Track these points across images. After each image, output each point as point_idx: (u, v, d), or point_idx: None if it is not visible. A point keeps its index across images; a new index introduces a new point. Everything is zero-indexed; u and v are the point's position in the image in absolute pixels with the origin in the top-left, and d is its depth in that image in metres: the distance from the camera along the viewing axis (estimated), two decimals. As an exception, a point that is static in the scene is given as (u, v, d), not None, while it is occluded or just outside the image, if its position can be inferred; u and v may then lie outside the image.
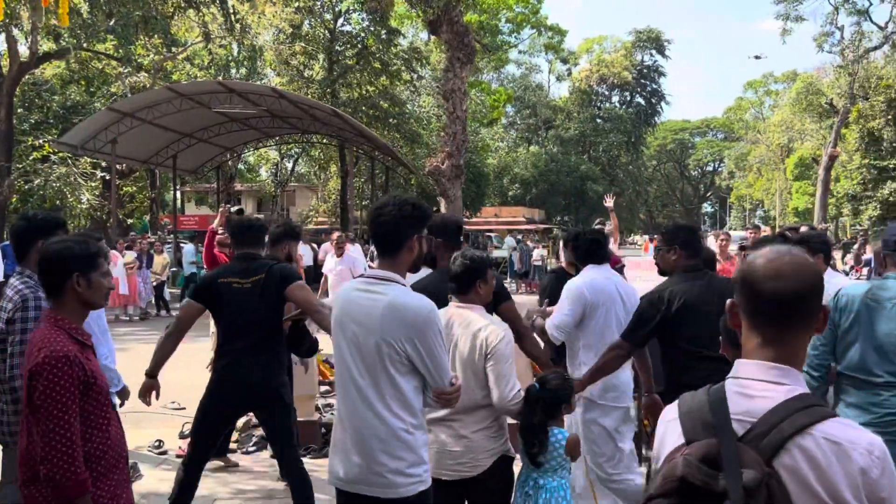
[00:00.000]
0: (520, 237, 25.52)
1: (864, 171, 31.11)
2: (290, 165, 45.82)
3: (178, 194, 31.73)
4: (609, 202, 10.80)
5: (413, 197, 3.01)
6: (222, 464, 6.16)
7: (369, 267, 15.73)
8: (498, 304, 3.87)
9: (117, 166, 22.69)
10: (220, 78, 25.81)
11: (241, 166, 38.89)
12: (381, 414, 2.79)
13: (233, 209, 10.49)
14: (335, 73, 30.04)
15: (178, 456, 6.32)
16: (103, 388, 2.67)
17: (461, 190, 25.96)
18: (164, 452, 6.54)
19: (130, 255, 16.64)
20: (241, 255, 4.65)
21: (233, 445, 6.55)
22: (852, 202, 31.72)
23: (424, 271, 3.93)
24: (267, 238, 5.26)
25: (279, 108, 22.70)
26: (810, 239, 4.43)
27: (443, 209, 25.87)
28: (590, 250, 4.79)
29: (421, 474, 2.82)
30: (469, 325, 3.36)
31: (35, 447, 2.53)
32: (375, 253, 3.06)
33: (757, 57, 35.94)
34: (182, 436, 6.76)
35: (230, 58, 27.38)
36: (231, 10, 22.83)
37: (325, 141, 31.21)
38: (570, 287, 4.62)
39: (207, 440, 4.50)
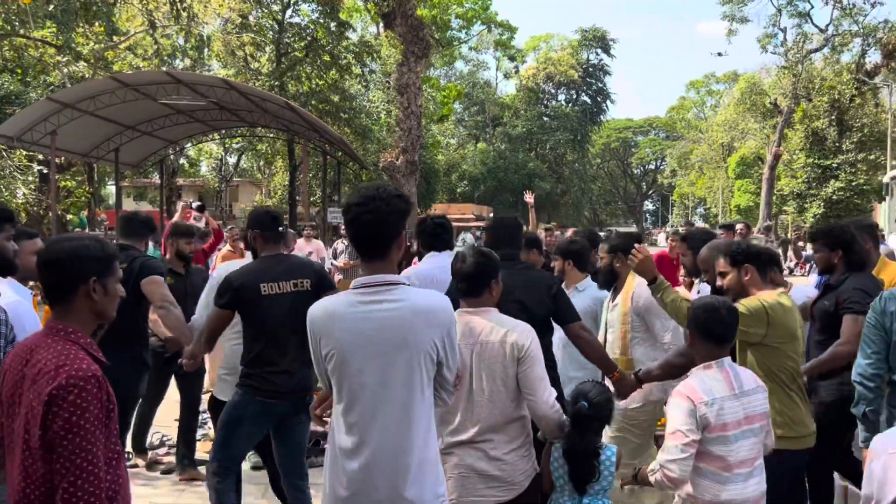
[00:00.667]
0: (479, 234, 25.28)
1: (808, 169, 31.92)
2: (233, 160, 44.70)
3: (117, 189, 30.54)
4: (529, 198, 10.81)
5: (393, 186, 2.65)
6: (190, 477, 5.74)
7: (333, 265, 15.23)
8: None
9: (56, 160, 21.56)
10: (165, 68, 24.85)
11: (181, 161, 37.68)
12: (416, 440, 2.45)
13: (194, 205, 9.94)
14: (283, 65, 29.28)
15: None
16: (116, 415, 2.25)
17: (415, 186, 25.67)
18: (135, 466, 6.06)
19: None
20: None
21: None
22: (797, 200, 32.53)
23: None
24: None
25: (228, 101, 21.89)
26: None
27: (397, 206, 25.60)
28: (434, 234, 4.69)
29: (444, 493, 2.58)
30: (492, 331, 3.06)
31: (36, 490, 2.10)
32: (355, 253, 2.75)
33: (719, 54, 36.95)
34: (149, 447, 6.32)
35: (176, 48, 26.35)
36: (177, -1, 21.95)
37: (272, 135, 30.44)
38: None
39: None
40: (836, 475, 4.41)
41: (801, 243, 25.20)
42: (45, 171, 23.20)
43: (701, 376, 3.13)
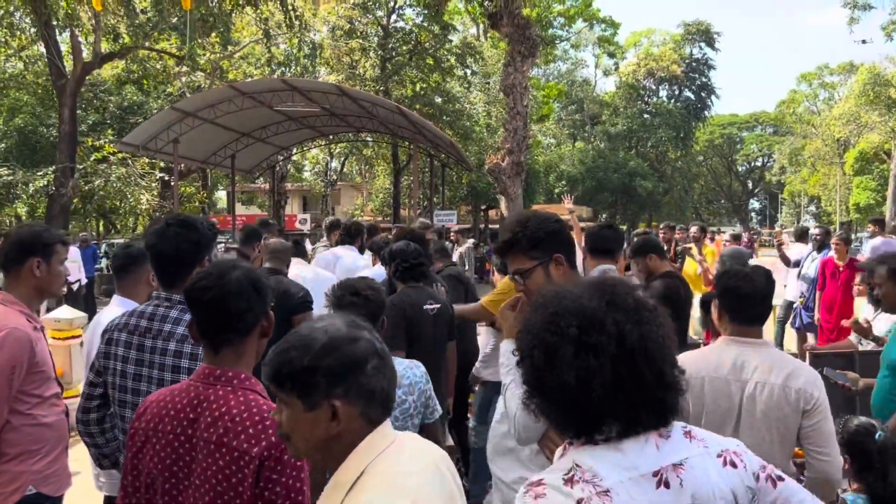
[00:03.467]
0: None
1: (944, 164, 29.80)
2: (335, 164, 45.57)
3: (229, 194, 31.61)
4: (567, 203, 9.79)
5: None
6: None
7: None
8: None
9: (177, 167, 22.44)
10: (276, 76, 25.49)
11: (288, 166, 38.72)
12: None
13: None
14: (388, 69, 29.59)
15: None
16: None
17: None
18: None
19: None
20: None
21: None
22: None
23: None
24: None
25: (340, 106, 22.26)
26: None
27: (503, 208, 25.25)
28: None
29: None
30: (773, 368, 2.62)
31: None
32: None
33: (864, 41, 34.82)
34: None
35: (291, 55, 27.02)
36: (290, 7, 22.42)
37: (376, 139, 30.80)
38: None
39: None
40: None
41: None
42: (166, 178, 24.17)
43: None
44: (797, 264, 9.30)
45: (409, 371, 2.99)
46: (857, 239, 27.01)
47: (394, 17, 31.07)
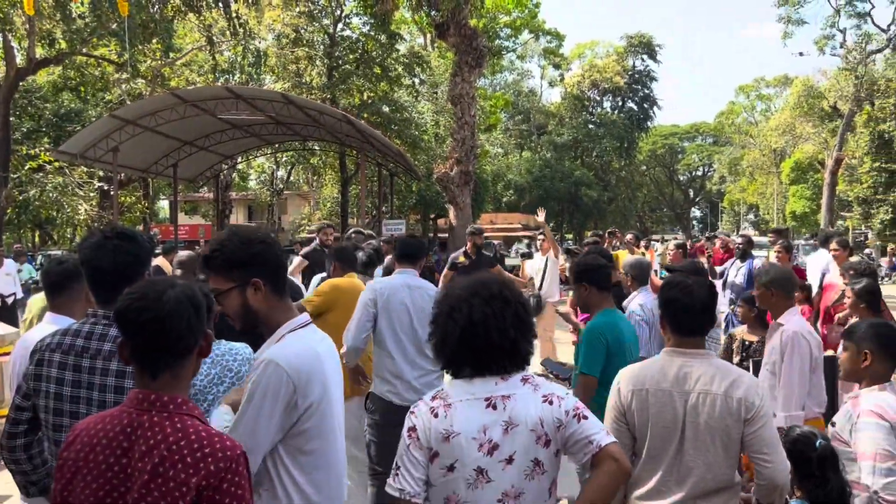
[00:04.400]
0: (528, 244, 24.90)
1: (874, 174, 30.90)
2: (281, 173, 45.08)
3: (171, 204, 30.96)
4: (540, 216, 10.09)
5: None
6: None
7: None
8: None
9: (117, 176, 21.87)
10: (220, 83, 25.09)
11: (233, 175, 38.15)
12: None
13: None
14: (335, 78, 29.41)
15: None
16: None
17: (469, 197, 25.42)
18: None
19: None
20: None
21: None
22: (862, 206, 31.51)
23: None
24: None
25: (285, 115, 22.01)
26: None
27: (452, 217, 25.29)
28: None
29: None
30: (714, 378, 2.62)
31: None
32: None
33: (801, 54, 36.11)
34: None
35: (235, 63, 26.64)
36: (234, 14, 22.12)
37: (322, 148, 30.58)
38: None
39: None
40: None
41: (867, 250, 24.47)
42: (105, 188, 23.54)
43: (883, 396, 2.95)
44: (722, 275, 9.33)
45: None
46: (795, 246, 27.84)
47: (340, 25, 30.91)
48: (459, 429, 2.13)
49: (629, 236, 10.10)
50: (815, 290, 7.82)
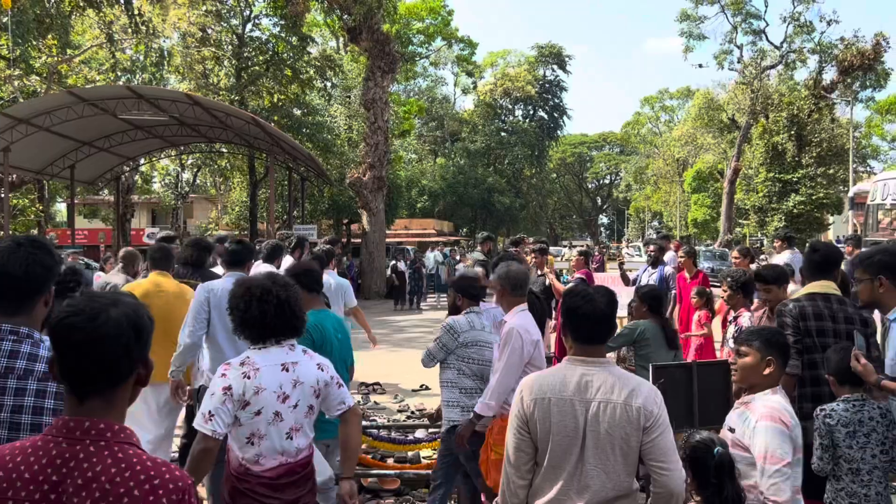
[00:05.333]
0: (447, 251, 24.97)
1: (769, 184, 32.55)
2: (187, 176, 43.69)
3: (69, 207, 29.56)
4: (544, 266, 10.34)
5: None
6: None
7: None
8: None
9: (8, 177, 20.67)
10: (121, 83, 24.11)
11: (136, 177, 36.74)
12: None
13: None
14: (244, 79, 28.73)
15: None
16: None
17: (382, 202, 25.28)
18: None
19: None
20: None
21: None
22: (758, 214, 33.14)
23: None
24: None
25: (191, 116, 21.32)
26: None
27: (365, 222, 25.10)
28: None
29: None
30: (614, 387, 2.64)
31: None
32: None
33: (700, 66, 37.51)
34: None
35: (137, 61, 25.62)
36: (136, 12, 21.29)
37: (232, 150, 29.82)
38: None
39: None
40: None
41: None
42: (-5, 190, 22.20)
43: (776, 399, 3.06)
44: (635, 282, 9.61)
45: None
46: (696, 252, 29.01)
47: (249, 26, 30.23)
48: (266, 385, 3.04)
49: (532, 246, 10.49)
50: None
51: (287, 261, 7.44)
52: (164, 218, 45.60)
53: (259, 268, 6.60)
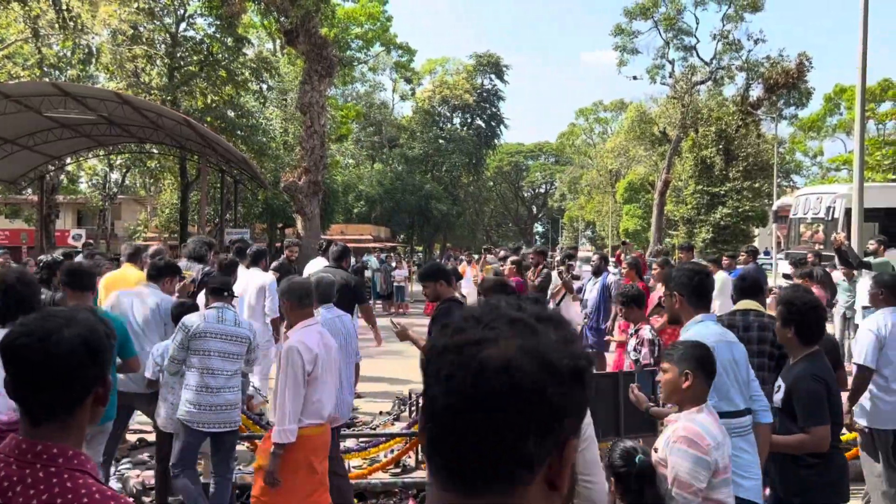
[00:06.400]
0: (384, 257, 24.86)
1: (697, 196, 33.55)
2: (116, 176, 42.40)
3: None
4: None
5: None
6: None
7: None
8: None
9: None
10: (48, 79, 23.28)
11: (61, 177, 35.48)
12: None
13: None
14: (177, 80, 28.08)
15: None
16: None
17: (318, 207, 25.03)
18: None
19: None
20: None
21: None
22: (687, 225, 34.12)
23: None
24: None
25: (120, 115, 20.72)
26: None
27: (299, 227, 24.79)
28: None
29: None
30: None
31: None
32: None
33: (634, 77, 38.23)
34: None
35: (64, 58, 24.78)
36: (64, 7, 20.60)
37: (163, 151, 29.08)
38: None
39: None
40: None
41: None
42: None
43: (700, 419, 3.02)
44: (579, 290, 9.82)
45: None
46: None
47: (184, 25, 29.61)
48: None
49: (466, 254, 10.73)
50: None
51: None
52: (91, 219, 44.17)
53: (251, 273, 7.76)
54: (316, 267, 8.77)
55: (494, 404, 0.90)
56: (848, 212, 14.68)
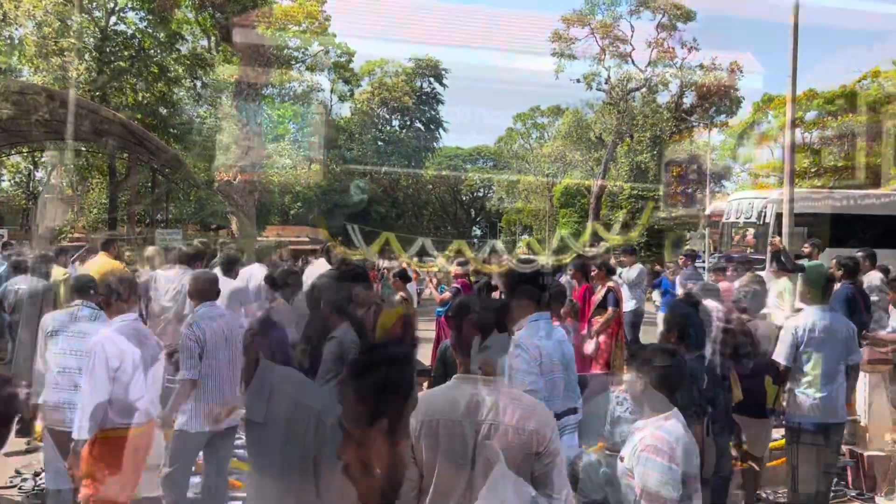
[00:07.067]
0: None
1: (632, 200, 34.30)
2: (40, 174, 40.75)
3: None
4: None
5: None
6: None
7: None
8: None
9: None
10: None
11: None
12: None
13: None
14: (106, 75, 27.14)
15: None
16: None
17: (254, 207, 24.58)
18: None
19: None
20: None
21: None
22: (623, 228, 34.81)
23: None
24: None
25: (46, 111, 19.88)
26: None
27: (233, 227, 24.25)
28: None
29: None
30: (507, 408, 2.45)
31: None
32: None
33: (577, 80, 38.45)
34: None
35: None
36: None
37: (91, 149, 28.09)
38: None
39: None
40: None
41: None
42: None
43: (668, 427, 2.93)
44: None
45: None
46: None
47: (114, 18, 28.66)
48: None
49: None
50: None
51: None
52: (13, 218, 42.40)
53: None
54: (317, 271, 8.31)
55: None
56: (779, 216, 15.17)
